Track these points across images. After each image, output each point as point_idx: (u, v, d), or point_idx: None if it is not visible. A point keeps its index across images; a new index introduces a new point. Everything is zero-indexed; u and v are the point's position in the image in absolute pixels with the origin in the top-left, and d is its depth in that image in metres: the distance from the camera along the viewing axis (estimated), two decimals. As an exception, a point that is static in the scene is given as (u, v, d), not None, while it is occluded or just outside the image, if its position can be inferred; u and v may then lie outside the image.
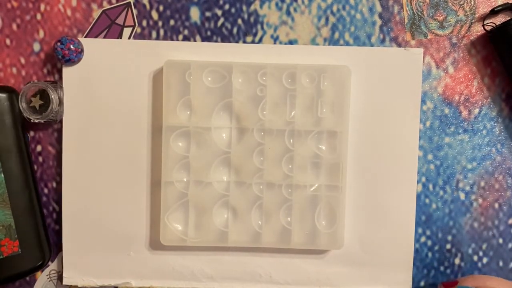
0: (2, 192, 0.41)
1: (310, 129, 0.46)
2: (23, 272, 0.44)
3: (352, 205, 0.47)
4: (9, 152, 0.43)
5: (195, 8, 0.47)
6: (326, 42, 0.47)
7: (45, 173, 0.48)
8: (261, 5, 0.47)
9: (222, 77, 0.46)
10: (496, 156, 0.48)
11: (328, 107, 0.46)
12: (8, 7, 0.47)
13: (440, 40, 0.48)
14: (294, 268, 0.48)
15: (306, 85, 0.46)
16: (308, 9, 0.47)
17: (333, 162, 0.46)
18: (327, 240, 0.46)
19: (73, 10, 0.47)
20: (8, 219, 0.41)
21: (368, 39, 0.47)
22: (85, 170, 0.47)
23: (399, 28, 0.47)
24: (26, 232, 0.43)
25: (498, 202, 0.48)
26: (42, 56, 0.47)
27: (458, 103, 0.48)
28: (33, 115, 0.45)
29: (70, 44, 0.45)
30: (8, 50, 0.48)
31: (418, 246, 0.48)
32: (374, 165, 0.47)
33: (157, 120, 0.47)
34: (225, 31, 0.47)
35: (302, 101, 0.46)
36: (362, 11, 0.47)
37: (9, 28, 0.47)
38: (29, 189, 0.44)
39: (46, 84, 0.45)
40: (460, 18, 0.48)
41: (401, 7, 0.47)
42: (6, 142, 0.43)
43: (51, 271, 0.48)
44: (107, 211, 0.47)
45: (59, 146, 0.48)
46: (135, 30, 0.47)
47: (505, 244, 0.48)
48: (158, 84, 0.47)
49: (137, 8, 0.47)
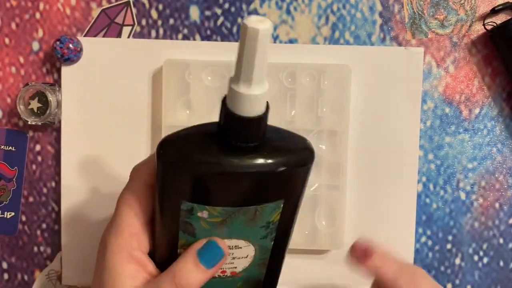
0: (266, 257, 0.35)
1: (310, 129, 0.46)
2: None
3: (352, 205, 0.47)
4: (290, 221, 0.34)
5: (194, 7, 0.47)
6: (326, 41, 0.47)
7: (44, 172, 0.48)
8: (261, 4, 0.47)
9: (221, 76, 0.46)
10: (497, 156, 0.48)
11: (328, 107, 0.46)
12: (7, 6, 0.47)
13: (440, 39, 0.47)
14: (294, 268, 0.47)
15: (306, 84, 0.46)
16: (308, 8, 0.47)
17: (333, 161, 0.46)
18: (327, 240, 0.46)
19: (72, 9, 0.47)
20: (261, 275, 0.37)
21: (369, 38, 0.47)
22: (84, 170, 0.47)
23: (400, 27, 0.47)
24: (269, 282, 0.38)
25: (499, 201, 0.48)
26: (41, 55, 0.47)
27: (459, 102, 0.48)
28: (31, 118, 0.45)
29: (69, 43, 0.45)
30: (7, 49, 0.47)
31: (418, 246, 0.48)
32: (374, 164, 0.47)
33: (156, 119, 0.47)
34: (225, 30, 0.47)
35: (302, 100, 0.46)
36: (363, 10, 0.47)
37: (8, 27, 0.47)
38: (287, 245, 0.36)
39: (45, 87, 0.45)
40: (460, 17, 0.47)
41: (401, 6, 0.47)
42: (292, 212, 0.34)
43: (50, 271, 0.48)
44: (106, 211, 0.47)
45: (58, 145, 0.47)
46: (135, 29, 0.47)
47: (505, 244, 0.48)
48: (157, 83, 0.47)
49: (137, 7, 0.47)
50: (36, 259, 0.49)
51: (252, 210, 0.31)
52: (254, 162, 0.30)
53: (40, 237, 0.48)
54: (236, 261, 0.34)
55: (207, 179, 0.30)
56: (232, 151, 0.30)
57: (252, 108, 0.28)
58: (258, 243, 0.33)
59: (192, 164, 0.29)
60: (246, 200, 0.31)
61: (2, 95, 0.48)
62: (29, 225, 0.48)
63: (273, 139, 0.32)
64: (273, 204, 0.31)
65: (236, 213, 0.31)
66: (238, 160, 0.29)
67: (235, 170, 0.29)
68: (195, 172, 0.30)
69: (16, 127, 0.48)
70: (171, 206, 0.31)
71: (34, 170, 0.48)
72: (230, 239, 0.32)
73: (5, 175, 0.48)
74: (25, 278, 0.49)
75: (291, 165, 0.30)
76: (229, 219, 0.31)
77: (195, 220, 0.31)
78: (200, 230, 0.32)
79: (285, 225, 0.34)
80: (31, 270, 0.49)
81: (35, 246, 0.48)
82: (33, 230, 0.48)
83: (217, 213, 0.31)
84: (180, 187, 0.30)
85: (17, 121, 0.48)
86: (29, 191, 0.48)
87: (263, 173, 0.30)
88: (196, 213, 0.31)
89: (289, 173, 0.31)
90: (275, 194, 0.31)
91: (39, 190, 0.48)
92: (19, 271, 0.49)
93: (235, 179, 0.30)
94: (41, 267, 0.49)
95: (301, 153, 0.31)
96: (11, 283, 0.49)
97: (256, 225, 0.32)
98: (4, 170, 0.48)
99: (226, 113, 0.29)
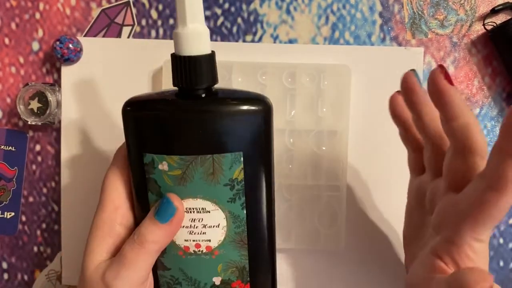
0: (242, 230, 0.34)
1: (310, 129, 0.46)
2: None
3: (352, 205, 0.47)
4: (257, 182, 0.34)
5: (194, 7, 0.47)
6: (326, 41, 0.47)
7: (44, 172, 0.48)
8: (261, 4, 0.47)
9: (221, 76, 0.45)
10: (497, 156, 0.48)
11: (328, 107, 0.46)
12: (7, 6, 0.47)
13: (440, 39, 0.47)
14: (294, 268, 0.47)
15: (306, 84, 0.46)
16: (308, 8, 0.47)
17: (333, 161, 0.46)
18: (327, 240, 0.46)
19: (72, 9, 0.47)
20: (243, 260, 0.35)
21: (369, 38, 0.47)
22: (84, 170, 0.47)
23: (400, 27, 0.47)
24: (259, 276, 0.36)
25: (499, 202, 0.48)
26: (41, 56, 0.47)
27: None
28: (31, 118, 0.45)
29: (69, 43, 0.45)
30: (7, 50, 0.47)
31: (418, 246, 0.48)
32: (374, 164, 0.47)
33: (156, 119, 0.47)
34: (225, 30, 0.47)
35: (302, 100, 0.46)
36: (363, 10, 0.47)
37: (8, 27, 0.47)
38: (270, 229, 0.36)
39: (44, 87, 0.45)
40: (460, 17, 0.47)
41: (401, 6, 0.47)
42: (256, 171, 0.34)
43: (50, 271, 0.48)
44: (106, 211, 0.47)
45: (58, 145, 0.47)
46: (134, 29, 0.47)
47: (505, 244, 0.48)
48: (157, 83, 0.47)
49: (136, 7, 0.47)
50: (36, 259, 0.49)
51: (209, 160, 0.32)
52: (203, 105, 0.32)
53: (40, 237, 0.48)
54: (208, 231, 0.34)
55: (160, 125, 0.32)
56: (185, 97, 0.32)
57: (191, 47, 0.31)
58: (228, 208, 0.33)
59: (147, 110, 0.32)
60: (200, 147, 0.32)
61: (2, 95, 0.48)
62: (29, 225, 0.48)
63: (229, 91, 0.35)
64: (231, 155, 0.32)
65: (194, 164, 0.32)
66: (188, 103, 0.32)
67: (187, 113, 0.31)
68: (148, 118, 0.32)
69: (16, 127, 0.48)
70: (135, 160, 0.33)
71: (34, 170, 0.48)
72: (195, 198, 0.33)
73: (5, 175, 0.48)
74: (25, 278, 0.49)
75: (244, 111, 0.32)
76: (188, 172, 0.32)
77: (158, 175, 0.33)
78: (165, 187, 0.33)
79: (255, 189, 0.34)
80: (31, 270, 0.49)
81: (35, 246, 0.48)
82: (33, 230, 0.48)
83: (175, 163, 0.32)
84: (140, 137, 0.33)
85: (17, 121, 0.48)
86: (29, 191, 0.48)
87: (214, 117, 0.31)
88: (157, 166, 0.32)
89: (243, 121, 0.32)
90: (231, 144, 0.32)
91: (39, 190, 0.48)
92: (19, 271, 0.49)
93: (188, 123, 0.31)
94: (41, 267, 0.49)
95: (255, 102, 0.33)
96: (11, 283, 0.49)
97: (218, 182, 0.33)
98: (4, 170, 0.48)
99: (173, 59, 0.31)
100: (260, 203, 0.34)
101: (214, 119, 0.31)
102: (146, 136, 0.32)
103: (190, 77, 0.31)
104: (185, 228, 0.34)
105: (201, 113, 0.31)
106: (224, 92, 0.34)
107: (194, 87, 0.31)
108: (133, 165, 0.34)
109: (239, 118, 0.32)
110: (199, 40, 0.31)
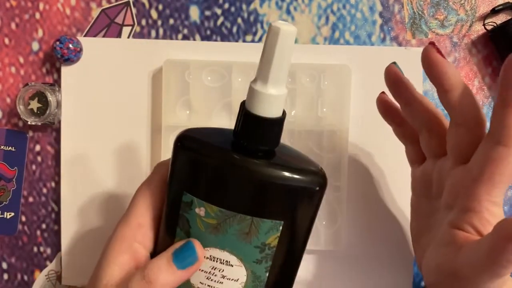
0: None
1: (310, 129, 0.46)
2: None
3: (352, 205, 0.47)
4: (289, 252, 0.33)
5: (194, 7, 0.47)
6: (327, 41, 0.47)
7: (44, 173, 0.48)
8: (261, 4, 0.47)
9: (221, 76, 0.46)
10: (497, 156, 0.48)
11: (329, 107, 0.46)
12: (7, 6, 0.47)
13: (440, 39, 0.47)
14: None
15: (306, 84, 0.46)
16: (308, 8, 0.47)
17: (333, 161, 0.46)
18: (327, 240, 0.46)
19: (72, 9, 0.47)
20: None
21: (369, 38, 0.47)
22: (84, 170, 0.47)
23: (400, 27, 0.47)
24: None
25: (499, 202, 0.48)
26: (41, 56, 0.47)
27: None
28: (31, 118, 0.45)
29: (69, 43, 0.45)
30: (7, 50, 0.47)
31: (418, 246, 0.48)
32: (374, 164, 0.47)
33: (156, 119, 0.47)
34: (225, 30, 0.47)
35: (302, 100, 0.46)
36: (363, 10, 0.47)
37: (8, 27, 0.47)
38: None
39: (44, 87, 0.45)
40: (460, 17, 0.47)
41: (401, 6, 0.47)
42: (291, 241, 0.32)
43: (49, 271, 0.48)
44: (106, 211, 0.47)
45: (57, 145, 0.47)
46: (134, 29, 0.47)
47: (506, 244, 0.48)
48: (157, 83, 0.46)
49: (136, 7, 0.47)
50: (36, 259, 0.49)
51: (248, 221, 0.30)
52: (258, 166, 0.30)
53: (40, 237, 0.48)
54: (226, 282, 0.33)
55: (210, 172, 0.30)
56: (240, 151, 0.30)
57: (265, 108, 0.29)
58: (251, 268, 0.32)
59: (198, 153, 0.30)
60: (243, 206, 0.30)
61: (2, 95, 0.48)
62: (29, 225, 0.48)
63: (286, 155, 0.32)
64: (271, 222, 0.31)
65: (232, 220, 0.31)
66: (243, 159, 0.30)
67: (240, 170, 0.29)
68: (199, 162, 0.30)
69: (16, 127, 0.48)
70: (175, 195, 0.32)
71: (34, 170, 0.48)
72: (223, 250, 0.32)
73: (5, 175, 0.48)
74: (25, 278, 0.49)
75: (297, 182, 0.30)
76: (223, 224, 0.31)
77: (192, 216, 0.31)
78: (195, 230, 0.32)
79: (284, 257, 0.32)
80: (31, 270, 0.49)
81: (35, 246, 0.48)
82: (33, 230, 0.48)
83: (213, 213, 0.31)
84: (185, 175, 0.31)
85: (17, 121, 0.48)
86: (29, 191, 0.48)
87: (266, 182, 0.29)
88: (194, 208, 0.31)
89: (293, 191, 0.30)
90: (275, 212, 0.30)
91: (39, 190, 0.48)
92: (19, 271, 0.49)
93: (236, 178, 0.30)
94: (41, 267, 0.49)
95: (310, 175, 0.31)
96: (11, 283, 0.49)
97: (250, 242, 0.31)
98: (4, 170, 0.48)
99: (241, 109, 0.30)
100: (285, 270, 0.33)
101: (265, 184, 0.29)
102: (192, 177, 0.31)
103: (255, 136, 0.29)
104: (204, 272, 0.32)
105: (254, 174, 0.29)
106: (282, 156, 0.31)
107: (255, 146, 0.30)
108: (170, 195, 0.32)
109: (291, 189, 0.30)
110: (276, 104, 0.29)
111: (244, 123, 0.30)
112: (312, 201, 0.31)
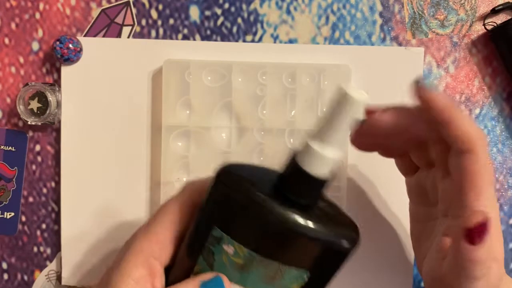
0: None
1: (310, 129, 0.45)
2: None
3: (352, 205, 0.47)
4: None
5: (194, 7, 0.47)
6: (327, 41, 0.47)
7: (44, 173, 0.48)
8: (261, 4, 0.47)
9: (221, 76, 0.46)
10: (497, 156, 0.48)
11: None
12: (7, 6, 0.47)
13: (441, 39, 0.47)
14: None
15: (306, 84, 0.46)
16: (308, 8, 0.47)
17: (333, 161, 0.46)
18: (327, 240, 0.46)
19: (72, 9, 0.47)
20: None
21: (369, 38, 0.47)
22: (84, 170, 0.47)
23: (400, 27, 0.47)
24: None
25: (499, 202, 0.48)
26: (41, 56, 0.47)
27: (459, 102, 0.48)
28: (31, 118, 0.45)
29: (69, 43, 0.45)
30: (7, 50, 0.47)
31: (418, 246, 0.48)
32: (375, 164, 0.47)
33: (156, 119, 0.47)
34: (225, 30, 0.47)
35: (302, 100, 0.46)
36: (363, 10, 0.47)
37: (8, 27, 0.47)
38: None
39: (44, 87, 0.45)
40: (460, 17, 0.47)
41: (401, 6, 0.47)
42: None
43: (49, 271, 0.48)
44: (106, 211, 0.47)
45: (57, 145, 0.47)
46: (134, 29, 0.47)
47: (505, 244, 0.48)
48: (157, 83, 0.46)
49: (137, 7, 0.47)
50: (36, 259, 0.49)
51: (275, 266, 0.30)
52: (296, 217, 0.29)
53: (40, 237, 0.48)
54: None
55: (246, 214, 0.30)
56: (281, 199, 0.30)
57: (318, 168, 0.29)
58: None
59: (239, 193, 0.30)
60: (273, 252, 0.30)
61: (2, 95, 0.48)
62: (29, 225, 0.48)
63: (325, 209, 0.32)
64: (297, 271, 0.31)
65: (259, 262, 0.30)
66: (282, 209, 0.30)
67: (277, 218, 0.29)
68: (237, 202, 0.30)
69: (16, 127, 0.48)
70: (205, 227, 0.31)
71: (34, 170, 0.48)
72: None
73: (5, 175, 0.48)
74: (25, 278, 0.49)
75: (330, 237, 0.30)
76: (249, 265, 0.31)
77: (218, 251, 0.31)
78: (219, 264, 0.31)
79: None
80: (31, 270, 0.49)
81: (35, 246, 0.48)
82: (33, 230, 0.48)
83: (242, 253, 0.30)
84: (219, 210, 0.31)
85: (17, 121, 0.48)
86: (29, 191, 0.48)
87: (301, 233, 0.29)
88: (222, 244, 0.31)
89: (325, 245, 0.30)
90: (303, 262, 0.30)
91: (39, 190, 0.48)
92: (19, 271, 0.49)
93: (273, 227, 0.29)
94: (41, 267, 0.49)
95: (345, 233, 0.31)
96: (11, 283, 0.49)
97: (273, 285, 0.31)
98: (4, 170, 0.48)
99: (291, 161, 0.30)
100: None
101: (299, 234, 0.29)
102: (226, 214, 0.31)
103: (300, 190, 0.30)
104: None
105: (291, 223, 0.29)
106: (321, 209, 0.31)
107: (297, 199, 0.30)
108: (200, 224, 0.32)
109: (324, 243, 0.30)
110: (328, 165, 0.29)
111: (292, 177, 0.30)
112: (341, 257, 0.31)
